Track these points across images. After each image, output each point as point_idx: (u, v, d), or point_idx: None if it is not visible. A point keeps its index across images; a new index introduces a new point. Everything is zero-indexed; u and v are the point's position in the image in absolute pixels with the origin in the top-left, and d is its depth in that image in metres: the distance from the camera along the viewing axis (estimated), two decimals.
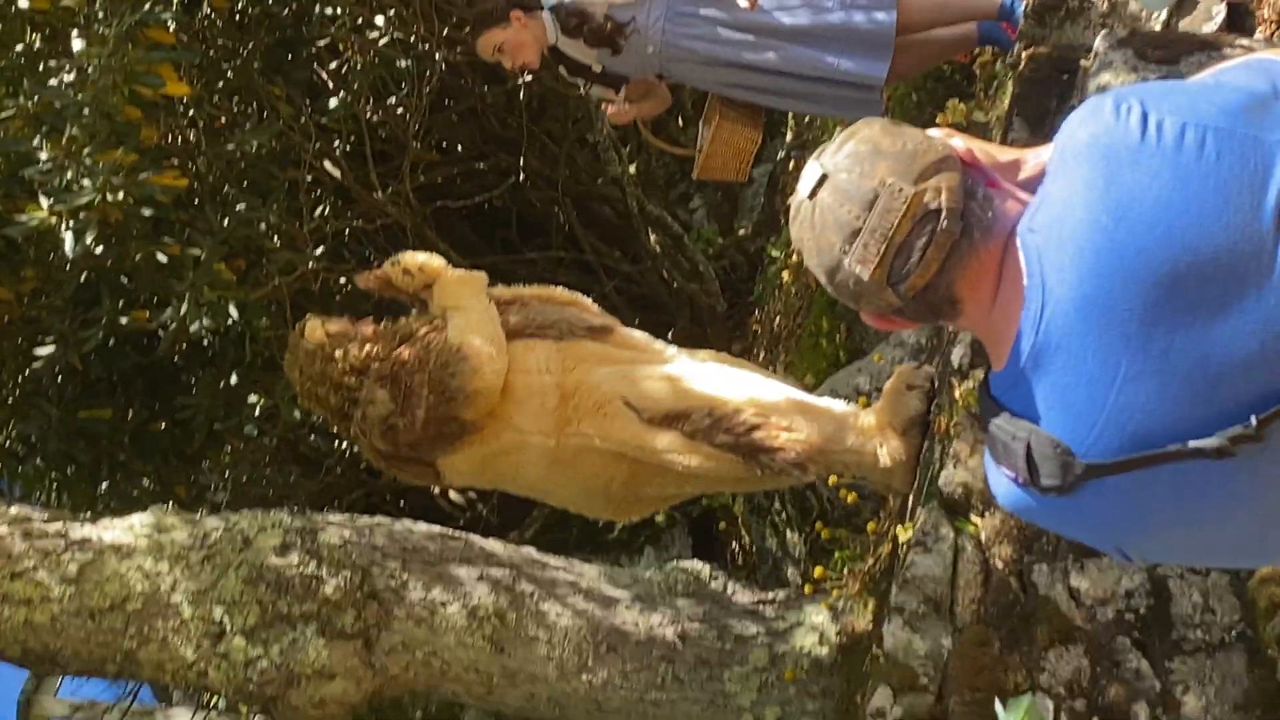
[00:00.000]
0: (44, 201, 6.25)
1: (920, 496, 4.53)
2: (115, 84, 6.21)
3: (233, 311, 6.57)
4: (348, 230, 8.67)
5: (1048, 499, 2.21)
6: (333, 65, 8.27)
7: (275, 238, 7.66)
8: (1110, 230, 2.07)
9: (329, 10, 7.82)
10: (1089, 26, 5.14)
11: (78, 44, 6.60)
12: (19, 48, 7.25)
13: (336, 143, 8.35)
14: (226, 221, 6.98)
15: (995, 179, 2.29)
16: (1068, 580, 4.08)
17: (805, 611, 5.36)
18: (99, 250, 6.42)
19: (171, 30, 6.71)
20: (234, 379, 7.42)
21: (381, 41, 8.14)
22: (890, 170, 2.18)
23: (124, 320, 6.89)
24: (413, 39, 8.30)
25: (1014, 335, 2.17)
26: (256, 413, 7.45)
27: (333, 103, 7.98)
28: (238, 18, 7.86)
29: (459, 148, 9.13)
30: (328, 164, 8.35)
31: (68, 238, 6.14)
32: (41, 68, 7.08)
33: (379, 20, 8.18)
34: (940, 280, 2.19)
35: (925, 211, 2.16)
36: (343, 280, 8.45)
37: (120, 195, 6.14)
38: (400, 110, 8.50)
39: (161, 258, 6.79)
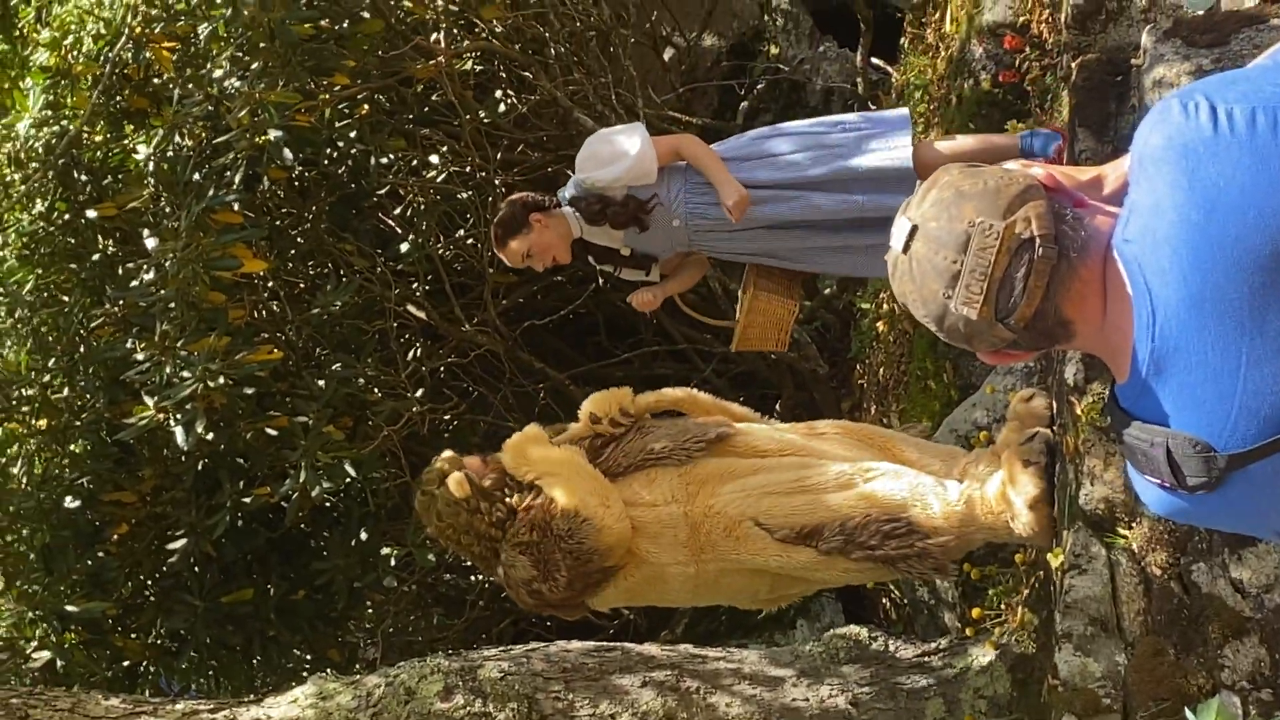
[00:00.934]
0: (149, 400, 6.36)
1: (1064, 519, 4.49)
2: (195, 273, 6.31)
3: (349, 470, 6.63)
4: (443, 368, 8.73)
5: (1197, 497, 2.20)
6: (397, 211, 8.36)
7: (375, 390, 7.73)
8: (1203, 225, 2.07)
9: (384, 159, 7.91)
10: (1132, 24, 5.13)
11: (151, 242, 6.74)
12: (95, 256, 7.39)
13: (415, 285, 8.42)
14: (325, 384, 7.06)
15: (1081, 198, 2.29)
16: (1228, 573, 4.03)
17: (971, 654, 5.33)
18: (210, 437, 6.52)
19: (236, 210, 6.81)
20: (363, 535, 7.47)
21: (439, 178, 8.22)
22: (977, 210, 2.19)
23: (247, 500, 6.98)
24: (468, 169, 8.38)
25: (1130, 346, 2.17)
26: (392, 563, 7.50)
27: (404, 247, 8.06)
28: (297, 184, 7.97)
29: None
30: (411, 307, 8.43)
31: (178, 431, 6.24)
32: (120, 271, 7.22)
33: (433, 159, 8.28)
34: (1047, 306, 2.19)
35: (1019, 242, 2.16)
36: (447, 418, 8.51)
37: (220, 380, 6.24)
38: (470, 240, 8.57)
39: (271, 431, 6.88)
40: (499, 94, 8.61)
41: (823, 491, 4.76)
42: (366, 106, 7.91)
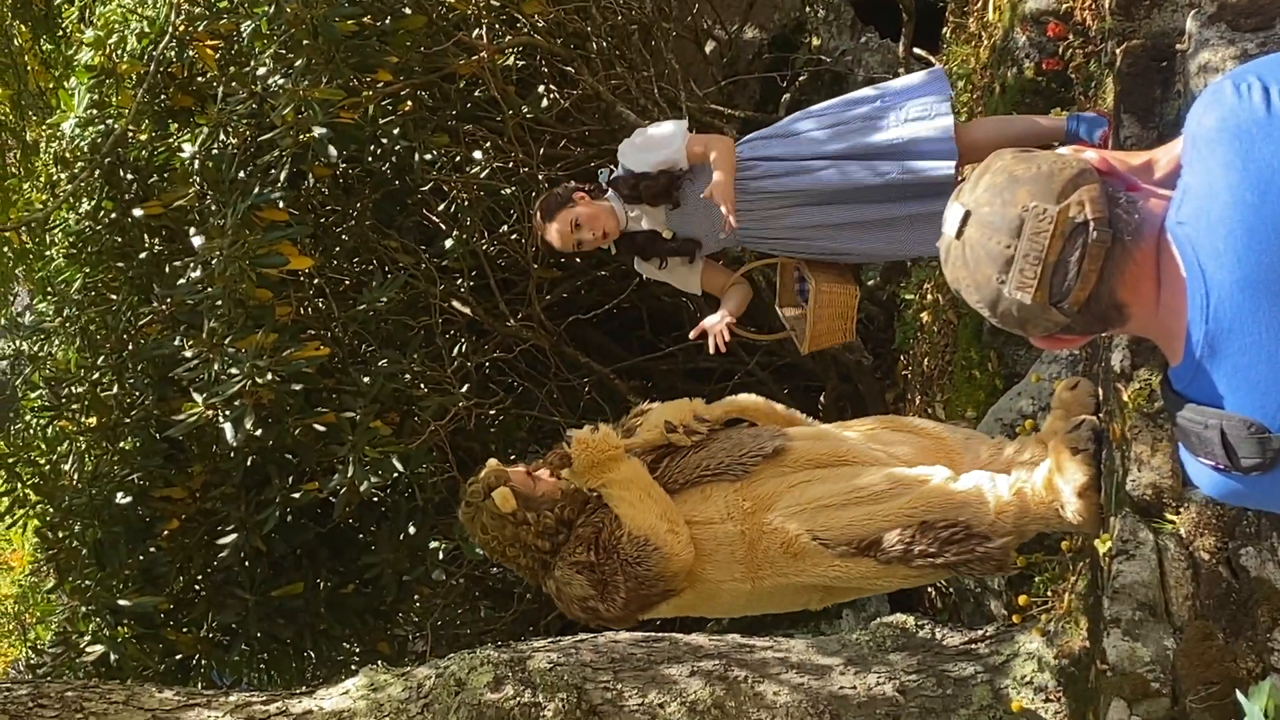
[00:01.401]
0: (197, 397, 6.40)
1: (1111, 505, 4.50)
2: (241, 271, 6.35)
3: (397, 465, 6.65)
4: (488, 363, 8.75)
5: (1251, 479, 2.21)
6: (441, 207, 8.39)
7: (422, 385, 7.76)
8: (1257, 206, 2.08)
9: (427, 156, 7.92)
10: (1176, 10, 5.12)
11: (197, 240, 6.78)
12: (142, 255, 7.44)
13: (460, 281, 8.44)
14: (372, 380, 7.09)
15: (1134, 182, 2.31)
16: (1277, 557, 4.03)
17: (1018, 641, 5.33)
18: (258, 433, 6.55)
19: (281, 207, 6.84)
20: (411, 529, 7.50)
21: (483, 174, 8.23)
22: (1030, 194, 2.20)
23: (296, 495, 7.02)
24: (512, 165, 8.39)
25: (1184, 329, 2.18)
26: (440, 556, 7.52)
27: (448, 243, 8.08)
28: (341, 181, 7.99)
29: (578, 259, 9.22)
30: (456, 303, 8.45)
31: (227, 427, 6.28)
32: (167, 269, 7.27)
33: (477, 154, 8.29)
34: (1101, 289, 2.20)
35: (1073, 226, 2.18)
36: (493, 412, 8.54)
37: (268, 376, 6.27)
38: (514, 236, 8.59)
39: (319, 427, 6.92)
40: (541, 89, 8.62)
41: (877, 501, 4.69)
42: (410, 103, 7.93)
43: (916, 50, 9.72)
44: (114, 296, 7.62)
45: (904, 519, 4.66)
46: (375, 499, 7.57)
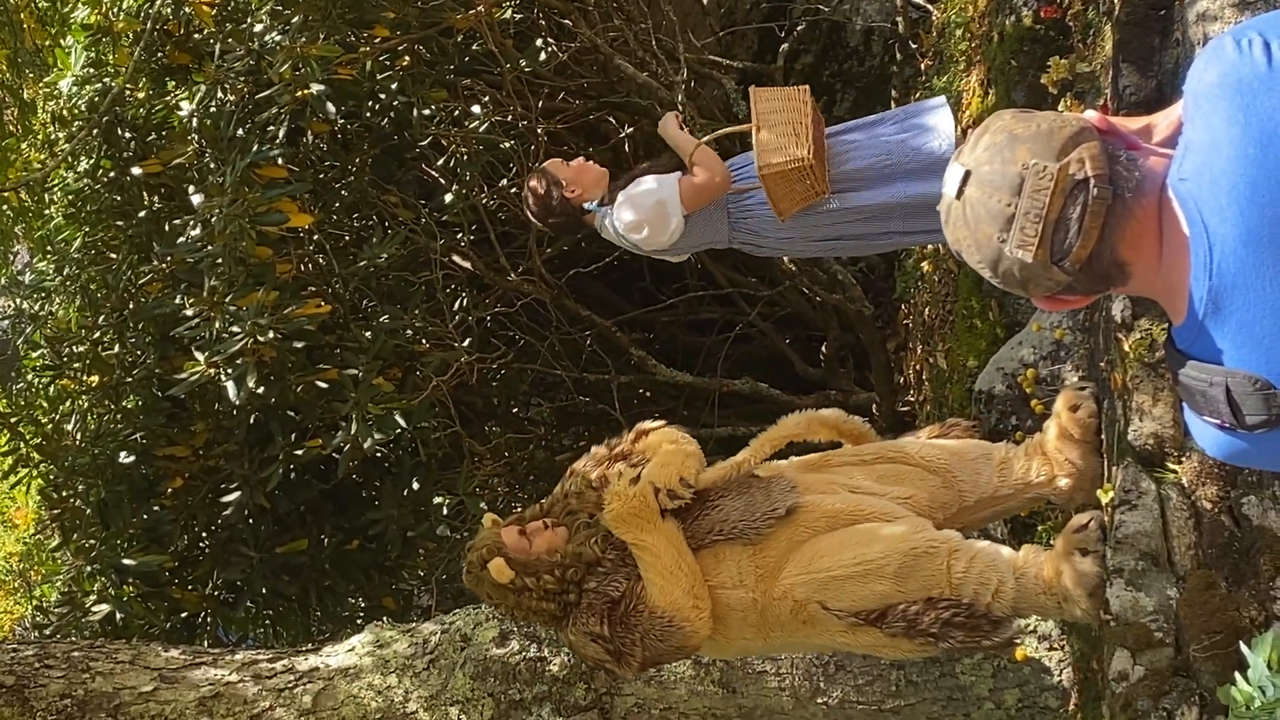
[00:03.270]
0: (199, 355, 6.40)
1: (1113, 456, 4.50)
2: (241, 228, 6.34)
3: (399, 421, 6.64)
4: (490, 318, 8.75)
5: (1257, 436, 2.21)
6: (440, 162, 8.37)
7: (424, 340, 7.76)
8: (1260, 159, 2.08)
9: (425, 111, 7.90)
10: None
11: (197, 198, 6.77)
12: (142, 213, 7.43)
13: (460, 235, 8.44)
14: (373, 336, 7.09)
15: (1134, 140, 2.30)
16: (1278, 505, 4.04)
17: None
18: (261, 390, 6.55)
19: (280, 164, 6.83)
20: (415, 484, 7.51)
21: (481, 128, 8.20)
22: (1030, 152, 2.20)
23: (299, 452, 7.03)
24: (510, 118, 8.38)
25: (1188, 286, 2.18)
26: (444, 512, 7.54)
27: (448, 198, 8.07)
28: (340, 137, 7.98)
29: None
30: (457, 258, 8.45)
31: (229, 385, 6.27)
32: (167, 228, 7.26)
33: (475, 109, 8.27)
34: (1103, 247, 2.20)
35: (1073, 183, 2.17)
36: (495, 367, 8.54)
37: (269, 334, 6.27)
38: (514, 190, 8.58)
39: (321, 384, 6.91)
40: (539, 42, 8.59)
41: (885, 577, 4.56)
42: (407, 58, 7.91)
43: None
44: (114, 255, 7.62)
45: (910, 595, 4.58)
46: (378, 455, 7.58)
